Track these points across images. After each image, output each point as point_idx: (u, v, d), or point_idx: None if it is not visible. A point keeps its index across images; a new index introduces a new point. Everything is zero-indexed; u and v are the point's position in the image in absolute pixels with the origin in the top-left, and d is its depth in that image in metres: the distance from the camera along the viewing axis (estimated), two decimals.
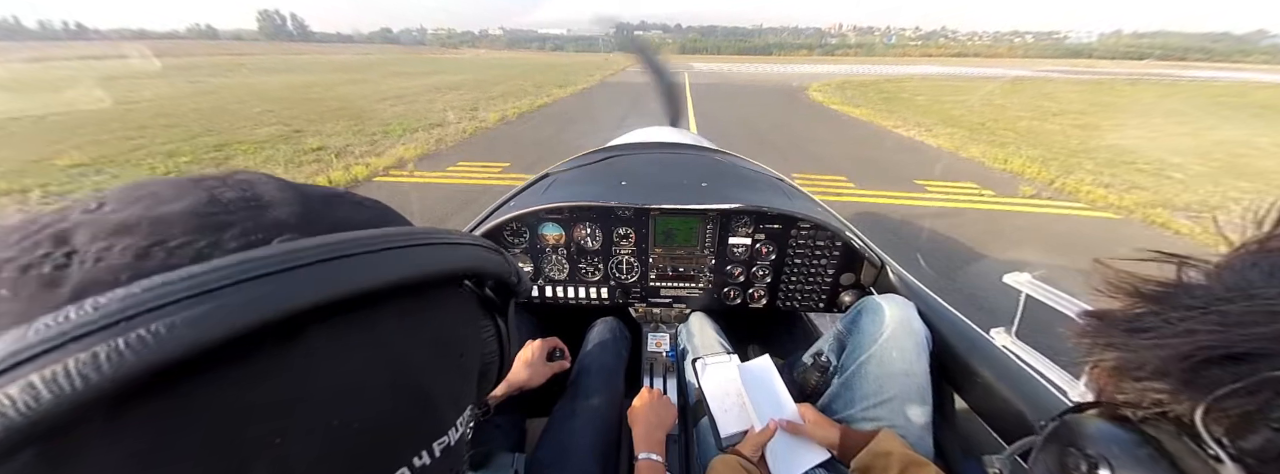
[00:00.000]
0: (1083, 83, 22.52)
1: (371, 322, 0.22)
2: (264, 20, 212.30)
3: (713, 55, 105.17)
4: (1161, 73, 37.78)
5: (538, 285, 1.40)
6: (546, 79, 19.19)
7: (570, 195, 1.33)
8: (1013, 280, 1.12)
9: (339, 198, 0.27)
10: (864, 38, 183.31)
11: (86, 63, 25.00)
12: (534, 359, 1.05)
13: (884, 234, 3.60)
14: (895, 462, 0.76)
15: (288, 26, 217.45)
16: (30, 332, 0.15)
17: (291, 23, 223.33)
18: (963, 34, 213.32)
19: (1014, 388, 0.83)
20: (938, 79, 23.12)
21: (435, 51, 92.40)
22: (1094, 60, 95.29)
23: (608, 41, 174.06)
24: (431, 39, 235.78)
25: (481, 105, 10.54)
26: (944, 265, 3.10)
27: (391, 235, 0.22)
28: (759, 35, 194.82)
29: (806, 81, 20.07)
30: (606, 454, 0.95)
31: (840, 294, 1.34)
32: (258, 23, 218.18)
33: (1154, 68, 50.42)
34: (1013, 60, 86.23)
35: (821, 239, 1.29)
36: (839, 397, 0.99)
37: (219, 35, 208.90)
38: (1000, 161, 6.06)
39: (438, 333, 0.26)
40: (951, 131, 8.01)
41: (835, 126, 8.99)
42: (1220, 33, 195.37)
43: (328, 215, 0.25)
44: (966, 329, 1.00)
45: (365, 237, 0.22)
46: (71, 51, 41.05)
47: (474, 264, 0.27)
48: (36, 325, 0.15)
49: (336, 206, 0.26)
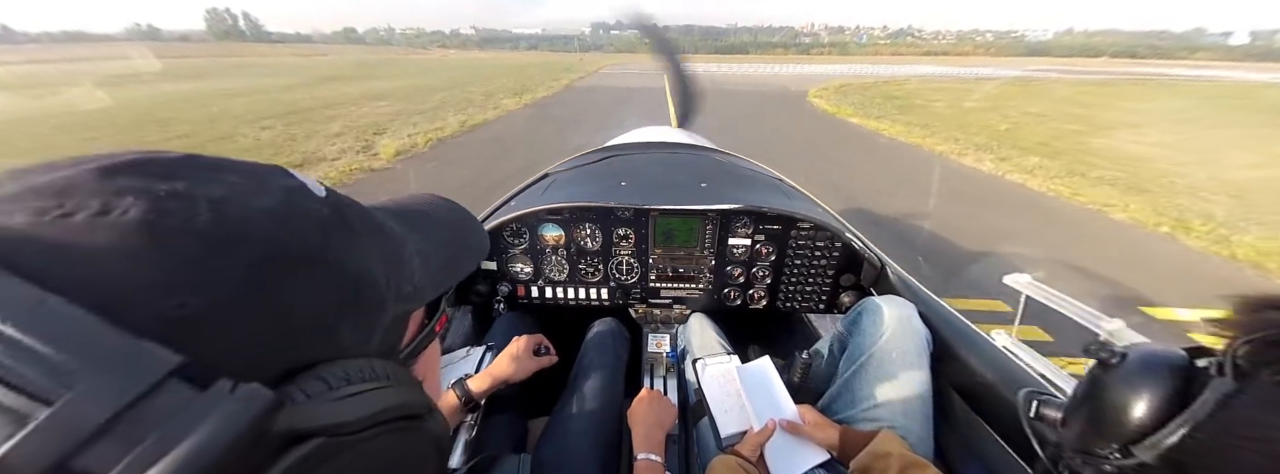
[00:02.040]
0: (1084, 84, 21.36)
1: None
2: (213, 20, 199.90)
3: (689, 55, 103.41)
4: (1151, 72, 37.02)
5: (538, 286, 1.40)
6: (501, 85, 16.43)
7: (570, 196, 1.33)
8: (1013, 281, 1.28)
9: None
10: (836, 37, 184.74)
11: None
12: (519, 353, 1.05)
13: (883, 235, 3.33)
14: (895, 463, 0.75)
15: (240, 26, 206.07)
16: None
17: (244, 22, 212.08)
18: (928, 33, 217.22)
19: (1014, 388, 0.82)
20: (935, 81, 21.65)
21: (398, 52, 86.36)
22: (1057, 58, 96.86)
23: (583, 41, 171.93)
24: (399, 39, 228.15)
25: (396, 126, 8.00)
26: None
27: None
28: (733, 34, 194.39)
29: (800, 85, 18.00)
30: (607, 455, 0.94)
31: (840, 295, 1.34)
32: (206, 23, 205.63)
33: (1136, 66, 49.59)
34: (984, 59, 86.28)
35: (821, 240, 1.29)
36: (839, 397, 0.99)
37: (162, 36, 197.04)
38: (1171, 223, 3.92)
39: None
40: (1026, 159, 6.09)
41: (875, 155, 6.85)
42: (1161, 31, 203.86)
43: None
44: (966, 330, 1.00)
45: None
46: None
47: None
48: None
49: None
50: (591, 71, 24.91)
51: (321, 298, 0.23)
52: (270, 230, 0.22)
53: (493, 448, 0.95)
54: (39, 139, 7.02)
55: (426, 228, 0.35)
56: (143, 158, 0.22)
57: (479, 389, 0.98)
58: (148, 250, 0.19)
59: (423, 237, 0.34)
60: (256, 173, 0.25)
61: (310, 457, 0.19)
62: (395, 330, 0.30)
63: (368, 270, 0.26)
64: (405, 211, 0.35)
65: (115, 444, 0.15)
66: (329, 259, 0.24)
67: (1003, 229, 3.88)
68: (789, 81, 20.26)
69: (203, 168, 0.23)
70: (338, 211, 0.27)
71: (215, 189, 0.22)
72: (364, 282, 0.26)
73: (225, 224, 0.21)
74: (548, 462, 0.88)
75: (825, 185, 4.92)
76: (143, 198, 0.20)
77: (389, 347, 0.29)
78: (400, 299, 0.29)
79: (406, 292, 0.29)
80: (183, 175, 0.22)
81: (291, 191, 0.25)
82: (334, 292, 0.24)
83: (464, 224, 0.40)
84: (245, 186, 0.23)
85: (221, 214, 0.21)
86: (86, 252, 0.18)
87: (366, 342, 0.26)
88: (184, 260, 0.19)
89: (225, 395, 0.17)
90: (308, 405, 0.20)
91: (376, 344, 0.27)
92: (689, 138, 2.24)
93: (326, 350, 0.23)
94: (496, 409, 1.04)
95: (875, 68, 35.26)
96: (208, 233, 0.20)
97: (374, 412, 0.22)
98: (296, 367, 0.21)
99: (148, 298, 0.18)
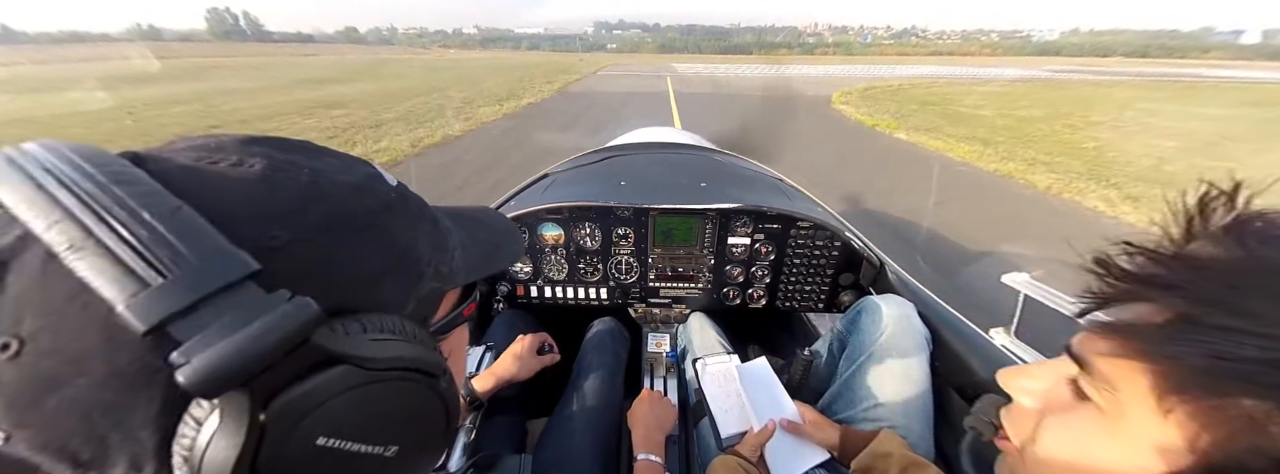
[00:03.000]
0: (1124, 85, 19.25)
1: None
2: (213, 20, 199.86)
3: (693, 55, 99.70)
4: (1180, 73, 35.02)
5: (537, 286, 1.40)
6: (487, 88, 14.83)
7: (569, 195, 1.33)
8: (1011, 280, 1.25)
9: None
10: (840, 37, 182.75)
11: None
12: (523, 353, 1.05)
13: (883, 234, 3.28)
14: (895, 463, 0.75)
15: (241, 25, 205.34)
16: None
17: (245, 22, 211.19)
18: (932, 32, 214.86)
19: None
20: (961, 83, 19.67)
21: (397, 52, 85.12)
22: (1069, 59, 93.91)
23: (585, 41, 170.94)
24: (402, 38, 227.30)
25: (331, 146, 6.22)
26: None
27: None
28: (737, 34, 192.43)
29: (817, 88, 16.29)
30: (607, 455, 0.95)
31: (840, 294, 1.34)
32: (207, 23, 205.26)
33: (1162, 67, 46.45)
34: (995, 59, 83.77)
35: (821, 239, 1.29)
36: (839, 397, 0.99)
37: (163, 36, 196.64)
38: None
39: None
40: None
41: (977, 200, 4.70)
42: (1170, 30, 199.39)
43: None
44: (966, 329, 1.00)
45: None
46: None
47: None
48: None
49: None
50: (585, 74, 23.19)
51: (373, 256, 0.28)
52: (347, 197, 0.28)
53: (493, 448, 0.95)
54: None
55: (472, 227, 0.40)
56: (275, 137, 0.30)
57: (483, 388, 0.98)
58: (262, 192, 0.25)
59: (468, 233, 0.39)
60: (348, 160, 0.32)
61: (335, 380, 0.23)
62: (429, 302, 0.33)
63: (414, 246, 0.31)
64: (459, 213, 0.41)
65: (197, 319, 0.20)
66: (385, 229, 0.29)
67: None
68: (804, 85, 18.51)
69: (312, 149, 0.31)
70: (402, 197, 0.32)
71: (317, 163, 0.29)
72: (409, 254, 0.30)
73: (317, 187, 0.27)
74: (548, 462, 0.88)
75: (901, 241, 3.29)
76: (267, 159, 0.27)
77: (422, 315, 0.33)
78: (437, 276, 0.33)
79: (444, 272, 0.34)
80: (298, 150, 0.30)
81: (370, 177, 0.31)
82: (383, 255, 0.29)
83: (507, 233, 0.45)
84: (338, 165, 0.30)
85: (316, 179, 0.27)
86: (220, 184, 0.25)
87: (403, 303, 0.30)
88: (283, 205, 0.25)
89: (283, 300, 0.22)
90: (344, 336, 0.24)
91: (412, 308, 0.31)
92: (689, 138, 2.29)
93: (369, 301, 0.27)
94: (496, 409, 1.04)
95: (891, 69, 33.44)
96: (305, 189, 0.27)
97: (396, 356, 0.26)
98: (343, 309, 0.25)
99: (252, 225, 0.24)
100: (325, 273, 0.26)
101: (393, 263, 0.29)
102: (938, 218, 3.98)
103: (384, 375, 0.25)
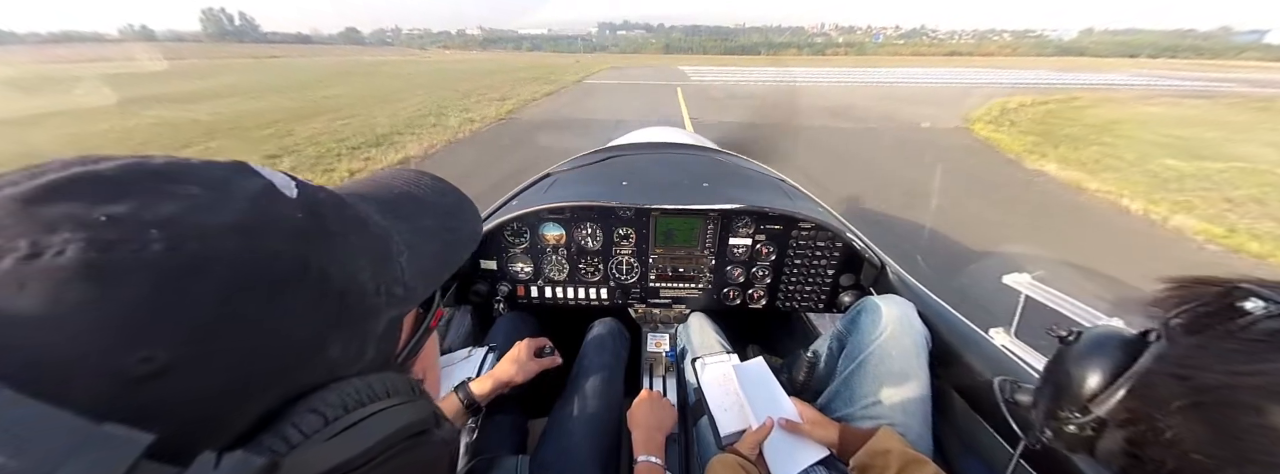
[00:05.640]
0: (1234, 101, 13.20)
1: None
2: (208, 20, 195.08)
3: (699, 55, 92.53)
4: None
5: (537, 286, 1.38)
6: (447, 100, 11.14)
7: (571, 195, 1.31)
8: (1012, 281, 1.24)
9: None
10: (849, 37, 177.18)
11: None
12: (522, 357, 1.04)
13: (883, 234, 3.06)
14: (894, 460, 0.75)
15: (235, 26, 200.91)
16: None
17: (241, 22, 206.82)
18: (942, 32, 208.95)
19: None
20: (1095, 93, 14.08)
21: (393, 53, 79.38)
22: (1093, 59, 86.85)
23: (587, 42, 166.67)
24: (404, 40, 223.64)
25: None
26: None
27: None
28: (742, 34, 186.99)
29: (912, 109, 10.91)
30: (607, 455, 0.94)
31: (840, 294, 1.33)
32: (201, 24, 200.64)
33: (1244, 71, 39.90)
34: (1018, 59, 77.07)
35: (822, 239, 1.28)
36: (838, 396, 0.98)
37: (157, 37, 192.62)
38: None
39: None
40: None
41: None
42: (1186, 30, 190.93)
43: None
44: (965, 329, 0.99)
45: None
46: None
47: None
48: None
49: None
50: (573, 81, 17.80)
51: (307, 319, 0.21)
52: (237, 251, 0.19)
53: (493, 448, 0.95)
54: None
55: (414, 215, 0.32)
56: (76, 174, 0.19)
57: (481, 392, 0.97)
58: (94, 299, 0.16)
59: (410, 226, 0.30)
60: (216, 176, 0.21)
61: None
62: (390, 336, 0.27)
63: (354, 278, 0.23)
64: (389, 196, 0.32)
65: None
66: (310, 274, 0.21)
67: None
68: (878, 100, 12.51)
69: (150, 178, 0.20)
70: (314, 213, 0.23)
71: (166, 207, 0.19)
72: (352, 292, 0.23)
73: (182, 251, 0.18)
74: (548, 462, 0.88)
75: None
76: (80, 231, 0.16)
77: (385, 355, 0.27)
78: (392, 302, 0.26)
79: (397, 293, 0.27)
80: (126, 193, 0.19)
81: (258, 197, 0.21)
82: (320, 310, 0.21)
83: (454, 208, 0.36)
84: (203, 198, 0.20)
85: (176, 239, 0.18)
86: (19, 313, 0.15)
87: (361, 356, 0.24)
88: (139, 305, 0.16)
89: (209, 472, 0.15)
90: (307, 449, 0.18)
91: (372, 356, 0.25)
92: (691, 138, 2.27)
93: (318, 375, 0.21)
94: (497, 409, 1.03)
95: (951, 73, 25.07)
96: (162, 266, 0.17)
97: (380, 438, 0.21)
98: (289, 398, 0.20)
99: (103, 361, 0.15)
100: (247, 374, 0.18)
101: (334, 314, 0.22)
102: None
103: (372, 465, 0.20)
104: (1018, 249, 3.37)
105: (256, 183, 0.22)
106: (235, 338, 0.18)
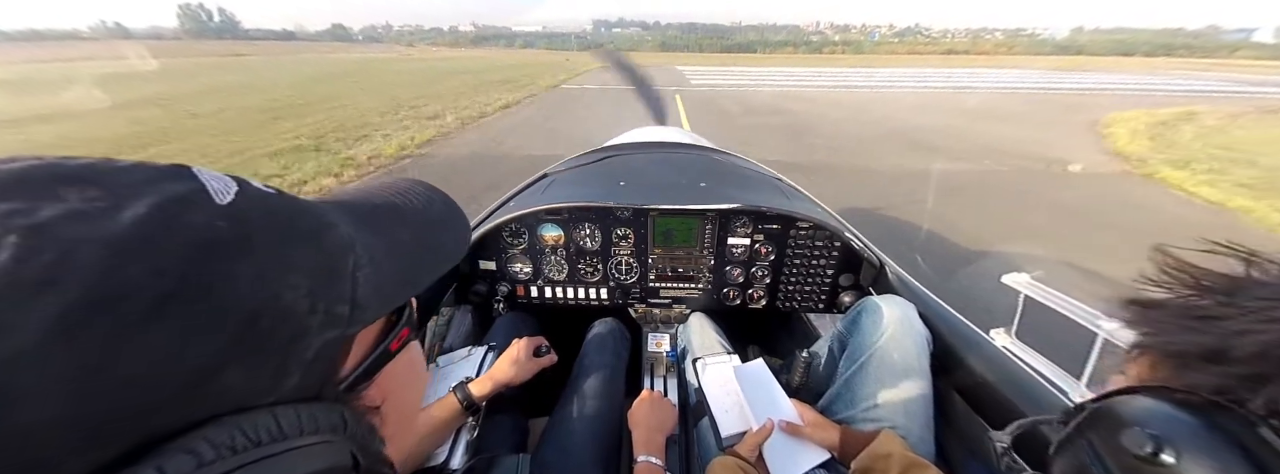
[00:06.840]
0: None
1: None
2: (186, 17, 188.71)
3: (695, 54, 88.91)
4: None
5: (537, 286, 1.39)
6: (349, 119, 8.29)
7: (569, 196, 1.32)
8: (1012, 281, 1.16)
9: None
10: (844, 35, 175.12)
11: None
12: (520, 356, 1.04)
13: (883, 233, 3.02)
14: (896, 463, 0.75)
15: (214, 22, 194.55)
16: None
17: (220, 18, 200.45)
18: (935, 31, 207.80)
19: (1014, 388, 0.82)
20: (1185, 104, 11.15)
21: (379, 50, 75.27)
22: (1091, 58, 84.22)
23: (580, 39, 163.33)
24: (395, 36, 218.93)
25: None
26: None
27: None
28: (738, 33, 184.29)
29: (998, 128, 8.09)
30: (607, 456, 0.93)
31: (840, 295, 1.33)
32: (179, 20, 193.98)
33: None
34: (1014, 59, 74.01)
35: (821, 239, 1.28)
36: (839, 397, 0.98)
37: (132, 34, 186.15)
38: None
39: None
40: None
41: None
42: (1175, 28, 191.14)
43: None
44: (966, 330, 0.99)
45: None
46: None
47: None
48: None
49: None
50: (549, 85, 14.72)
51: (191, 343, 0.18)
52: (99, 265, 0.16)
53: (493, 447, 0.94)
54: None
55: (390, 227, 0.30)
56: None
57: (480, 393, 0.96)
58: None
59: (384, 239, 0.28)
60: (134, 180, 0.19)
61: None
62: (325, 359, 0.23)
63: (276, 297, 0.20)
64: (369, 205, 0.30)
65: None
66: (201, 292, 0.18)
67: None
68: (950, 118, 9.12)
69: (50, 180, 0.18)
70: (238, 223, 0.21)
71: (44, 212, 0.17)
72: (268, 313, 0.20)
73: (30, 263, 0.15)
74: (548, 462, 0.87)
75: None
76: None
77: (319, 381, 0.23)
78: (330, 322, 0.23)
79: (340, 314, 0.24)
80: (13, 195, 0.17)
81: (168, 205, 0.19)
82: (213, 332, 0.18)
83: (440, 220, 0.34)
84: (98, 204, 0.18)
85: (29, 250, 0.16)
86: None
87: (278, 384, 0.21)
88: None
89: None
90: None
91: (296, 383, 0.21)
92: (688, 137, 2.24)
93: (205, 407, 0.18)
94: (497, 409, 1.03)
95: (997, 74, 22.89)
96: (2, 277, 0.15)
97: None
98: (158, 436, 0.17)
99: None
100: (88, 403, 0.15)
101: (234, 338, 0.19)
102: None
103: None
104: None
105: (180, 188, 0.20)
106: (73, 364, 0.15)
